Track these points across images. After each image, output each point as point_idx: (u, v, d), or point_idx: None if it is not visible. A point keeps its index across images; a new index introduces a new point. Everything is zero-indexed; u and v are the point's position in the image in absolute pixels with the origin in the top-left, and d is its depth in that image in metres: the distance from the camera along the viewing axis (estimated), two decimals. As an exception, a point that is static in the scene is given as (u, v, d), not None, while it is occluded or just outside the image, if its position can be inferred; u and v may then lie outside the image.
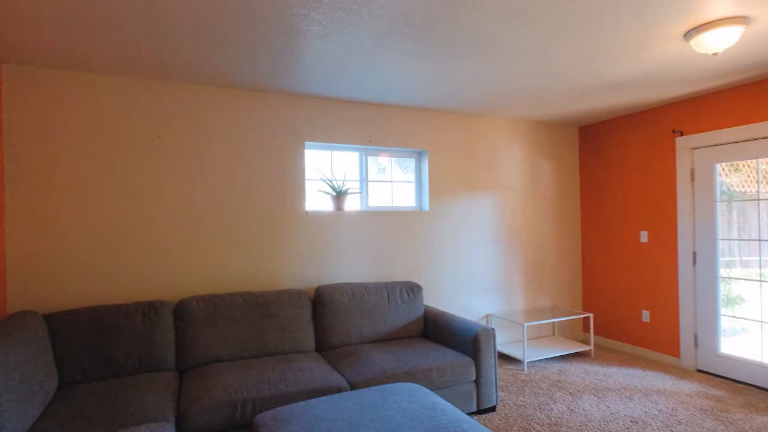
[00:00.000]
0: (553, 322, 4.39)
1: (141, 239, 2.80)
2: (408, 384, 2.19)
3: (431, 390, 2.62)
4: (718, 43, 2.16)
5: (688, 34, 2.23)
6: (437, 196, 3.81)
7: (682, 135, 3.60)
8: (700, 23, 2.13)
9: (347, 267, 3.42)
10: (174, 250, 2.88)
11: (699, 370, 3.53)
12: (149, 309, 2.55)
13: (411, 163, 3.87)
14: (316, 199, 3.51)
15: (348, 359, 2.68)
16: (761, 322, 3.19)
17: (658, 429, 2.58)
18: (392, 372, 2.52)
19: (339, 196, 3.42)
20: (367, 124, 3.52)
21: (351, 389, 2.41)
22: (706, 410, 2.81)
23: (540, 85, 3.14)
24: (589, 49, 2.47)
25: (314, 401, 1.99)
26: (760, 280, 3.20)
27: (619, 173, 4.15)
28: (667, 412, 2.79)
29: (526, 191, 4.26)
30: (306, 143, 3.36)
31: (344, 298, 3.04)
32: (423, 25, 2.11)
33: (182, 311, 2.64)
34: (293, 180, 3.24)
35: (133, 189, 2.79)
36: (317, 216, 3.32)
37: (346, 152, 3.62)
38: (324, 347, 2.95)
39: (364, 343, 3.03)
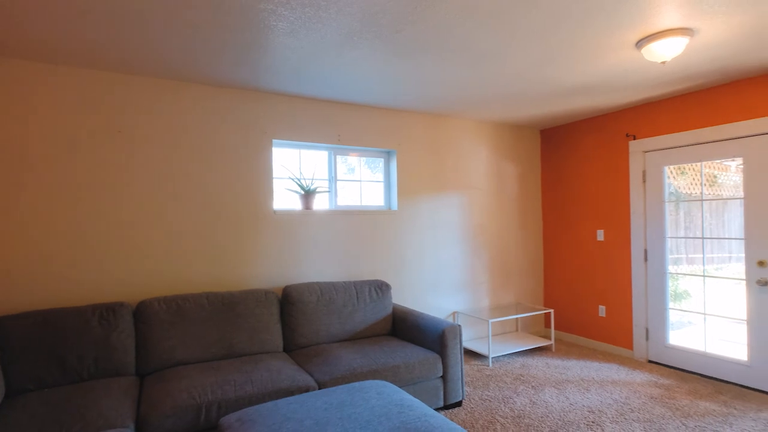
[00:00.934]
0: (517, 318, 4.53)
1: (98, 238, 2.67)
2: (376, 381, 2.21)
3: (399, 387, 2.65)
4: (666, 52, 2.31)
5: (640, 43, 2.37)
6: (405, 195, 3.85)
7: (635, 139, 3.82)
8: (650, 33, 2.28)
9: (316, 266, 3.40)
10: (135, 250, 2.77)
11: (650, 361, 3.74)
12: (107, 311, 2.44)
13: (380, 163, 3.90)
14: (285, 198, 3.47)
15: (316, 359, 2.67)
16: (704, 314, 3.43)
17: (612, 417, 2.72)
18: (360, 370, 2.53)
19: (307, 195, 3.40)
20: (337, 123, 3.52)
21: (319, 388, 2.40)
22: (656, 398, 2.99)
23: (504, 88, 3.24)
24: (550, 53, 2.57)
25: (281, 401, 1.97)
26: (704, 276, 3.43)
27: (578, 175, 4.34)
28: (621, 401, 2.95)
29: (491, 191, 4.38)
30: (274, 141, 3.31)
31: (312, 297, 3.02)
32: (392, 25, 2.14)
33: (143, 313, 2.54)
34: (261, 178, 3.19)
35: (90, 186, 2.66)
36: (285, 215, 3.28)
37: (315, 151, 3.59)
38: (292, 347, 2.92)
39: (333, 342, 3.02)
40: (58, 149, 2.58)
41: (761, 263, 3.03)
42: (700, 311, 3.46)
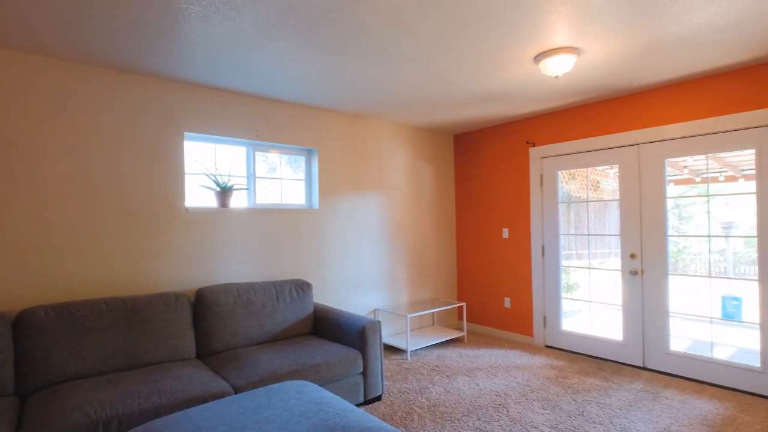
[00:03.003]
0: (433, 313, 4.77)
1: (-37, 240, 2.29)
2: (295, 381, 2.18)
3: (321, 385, 2.65)
4: (558, 68, 2.61)
5: (537, 58, 2.65)
6: (327, 194, 3.85)
7: (534, 146, 4.23)
8: (545, 49, 2.56)
9: (233, 267, 3.25)
10: (13, 253, 2.41)
11: (547, 346, 4.18)
12: (-24, 324, 2.10)
13: (301, 162, 3.85)
14: (198, 195, 3.27)
15: (233, 363, 2.56)
16: (590, 302, 3.92)
17: (516, 399, 2.99)
18: (280, 371, 2.49)
19: (224, 192, 3.24)
20: (255, 117, 3.40)
21: (236, 394, 2.31)
22: (552, 378, 3.35)
23: (418, 93, 3.40)
24: (459, 62, 2.76)
25: (192, 410, 1.87)
26: (589, 268, 3.92)
27: (486, 177, 4.69)
28: (523, 384, 3.25)
29: (409, 192, 4.56)
30: (186, 134, 3.10)
31: (229, 299, 2.89)
32: (310, 19, 2.13)
33: (25, 324, 2.23)
34: (170, 173, 2.97)
35: (-49, 179, 2.26)
36: (199, 213, 3.10)
37: (232, 146, 3.44)
38: (207, 353, 2.77)
39: (252, 345, 2.92)
40: None
41: (632, 256, 3.54)
42: (587, 300, 3.94)
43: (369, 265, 4.16)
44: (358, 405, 2.88)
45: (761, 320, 2.92)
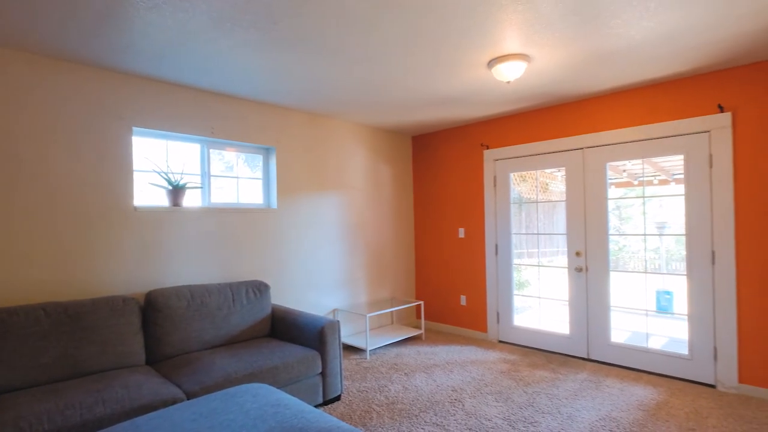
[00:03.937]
0: (392, 312, 4.82)
1: None
2: (252, 385, 2.15)
3: (279, 388, 2.61)
4: (510, 73, 2.73)
5: (490, 63, 2.76)
6: (285, 194, 3.80)
7: (488, 148, 4.39)
8: (498, 55, 2.67)
9: (187, 268, 3.13)
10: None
11: (500, 341, 4.34)
12: None
13: (259, 160, 3.77)
14: (149, 194, 3.12)
15: (186, 368, 2.47)
16: (540, 298, 4.12)
17: (471, 392, 3.09)
18: (236, 375, 2.43)
19: (176, 190, 3.12)
20: (210, 113, 3.30)
21: (189, 399, 2.23)
22: (505, 372, 3.49)
23: (376, 94, 3.44)
24: (415, 65, 2.83)
25: (141, 419, 1.79)
26: (539, 266, 4.12)
27: (443, 178, 4.80)
28: (477, 378, 3.36)
29: (368, 192, 4.58)
30: (135, 129, 2.96)
31: (182, 302, 2.79)
32: (267, 15, 2.10)
33: (-53, 334, 2.05)
34: (117, 170, 2.82)
35: None
36: (149, 212, 2.96)
37: (186, 143, 3.31)
38: (158, 358, 2.66)
39: (206, 349, 2.83)
40: None
41: (578, 254, 3.76)
42: (537, 296, 4.14)
43: (328, 265, 4.14)
44: (317, 406, 2.87)
45: (689, 312, 3.20)
